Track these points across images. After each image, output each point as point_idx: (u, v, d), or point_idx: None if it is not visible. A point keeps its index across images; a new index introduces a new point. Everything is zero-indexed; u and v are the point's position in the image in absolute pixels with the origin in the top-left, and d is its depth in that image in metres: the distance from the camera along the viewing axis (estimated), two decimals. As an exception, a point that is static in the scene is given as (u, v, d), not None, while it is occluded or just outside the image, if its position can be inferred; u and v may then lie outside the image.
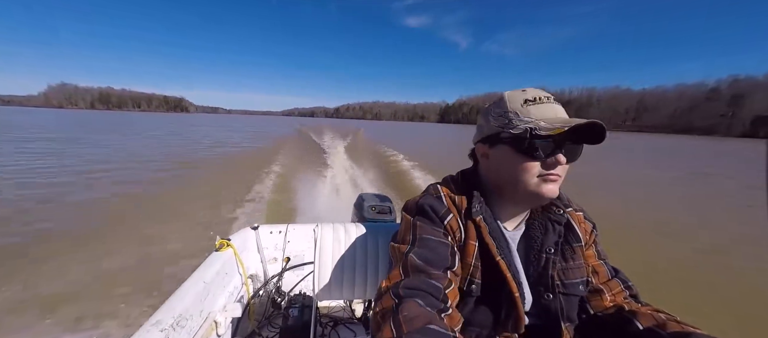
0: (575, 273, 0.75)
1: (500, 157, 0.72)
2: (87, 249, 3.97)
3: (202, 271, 1.33)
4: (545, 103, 0.68)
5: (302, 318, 1.46)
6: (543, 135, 0.64)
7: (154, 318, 1.00)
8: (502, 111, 0.71)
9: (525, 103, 0.68)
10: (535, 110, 0.67)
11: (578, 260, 0.76)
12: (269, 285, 1.73)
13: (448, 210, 0.74)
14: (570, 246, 0.76)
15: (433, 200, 0.76)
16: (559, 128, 0.62)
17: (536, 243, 0.75)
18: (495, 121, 0.72)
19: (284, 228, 1.86)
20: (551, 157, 0.66)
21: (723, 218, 6.57)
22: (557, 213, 0.77)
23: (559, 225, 0.76)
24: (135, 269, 3.52)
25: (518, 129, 0.66)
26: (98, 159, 11.14)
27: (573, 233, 0.78)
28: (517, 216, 0.79)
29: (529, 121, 0.66)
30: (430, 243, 0.68)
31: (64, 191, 6.76)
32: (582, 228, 0.80)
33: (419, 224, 0.72)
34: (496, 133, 0.71)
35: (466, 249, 0.72)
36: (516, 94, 0.70)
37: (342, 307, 1.75)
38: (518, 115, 0.67)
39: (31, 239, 4.27)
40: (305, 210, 5.67)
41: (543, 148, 0.65)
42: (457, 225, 0.73)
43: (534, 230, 0.77)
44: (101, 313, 2.79)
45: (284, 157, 11.87)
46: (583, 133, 0.66)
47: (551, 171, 0.67)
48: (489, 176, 0.78)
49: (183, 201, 6.20)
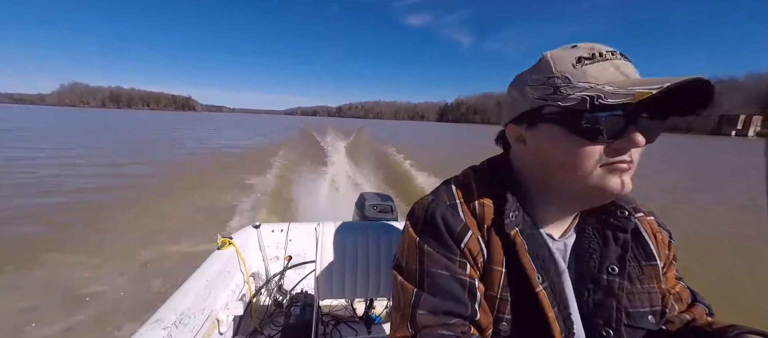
0: (644, 299, 0.55)
1: (543, 140, 0.51)
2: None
3: (204, 269, 1.32)
4: (609, 58, 0.46)
5: (304, 317, 1.44)
6: (611, 103, 0.42)
7: (156, 315, 1.00)
8: (544, 76, 0.49)
9: (579, 61, 0.47)
10: (595, 70, 0.45)
11: (648, 282, 0.56)
12: (271, 284, 1.72)
13: (466, 227, 0.54)
14: (637, 262, 0.56)
15: (445, 210, 0.55)
16: (641, 92, 0.40)
17: (593, 259, 0.55)
18: (535, 92, 0.50)
19: (286, 226, 1.86)
20: (622, 137, 0.45)
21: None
22: (621, 217, 0.56)
23: (623, 233, 0.55)
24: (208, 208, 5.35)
25: (571, 98, 0.45)
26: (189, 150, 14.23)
27: (643, 245, 0.57)
28: (563, 220, 0.57)
29: (588, 87, 0.45)
30: (442, 284, 0.51)
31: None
32: (658, 240, 0.59)
33: (427, 250, 0.53)
34: (537, 107, 0.50)
35: (489, 279, 0.53)
36: (563, 53, 0.49)
37: (343, 306, 1.73)
38: (569, 80, 0.46)
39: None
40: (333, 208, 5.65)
41: (610, 124, 0.44)
42: (477, 247, 0.53)
43: (588, 240, 0.56)
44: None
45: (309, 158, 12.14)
46: (672, 98, 0.44)
47: (621, 157, 0.46)
48: (526, 167, 0.57)
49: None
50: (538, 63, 0.52)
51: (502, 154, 0.64)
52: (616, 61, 0.46)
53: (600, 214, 0.57)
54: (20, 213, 4.87)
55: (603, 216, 0.57)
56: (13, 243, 3.84)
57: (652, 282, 0.56)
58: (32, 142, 14.02)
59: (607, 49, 0.47)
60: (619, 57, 0.47)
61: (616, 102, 0.42)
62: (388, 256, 1.27)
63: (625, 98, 0.41)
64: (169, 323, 0.98)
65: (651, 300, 0.55)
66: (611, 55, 0.47)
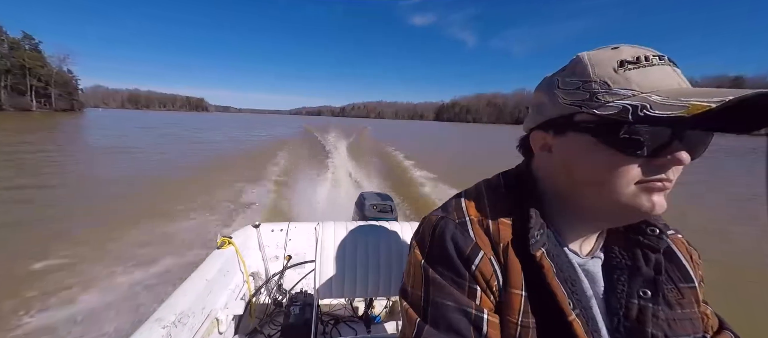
0: (686, 325, 0.47)
1: (572, 151, 0.44)
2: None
3: (204, 269, 1.30)
4: (656, 64, 0.39)
5: (303, 316, 1.41)
6: (659, 116, 0.35)
7: (155, 315, 0.97)
8: (580, 80, 0.42)
9: (621, 65, 0.40)
10: (639, 76, 0.39)
11: (690, 307, 0.48)
12: (271, 283, 1.68)
13: (477, 247, 0.47)
14: (675, 285, 0.49)
15: (454, 229, 0.48)
16: (697, 105, 0.33)
17: (621, 282, 0.48)
18: (567, 97, 0.43)
19: (285, 226, 1.81)
20: (665, 154, 0.39)
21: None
22: (652, 235, 0.49)
23: (654, 253, 0.48)
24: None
25: (610, 107, 0.39)
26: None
27: (679, 267, 0.50)
28: (589, 238, 0.51)
29: (631, 95, 0.38)
30: (446, 317, 0.45)
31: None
32: (693, 259, 0.53)
33: (432, 276, 0.47)
34: (568, 114, 0.43)
35: (508, 304, 0.45)
36: (604, 54, 0.42)
37: (343, 305, 1.69)
38: (609, 86, 0.40)
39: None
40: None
41: (652, 138, 0.38)
42: (490, 269, 0.46)
43: (615, 259, 0.50)
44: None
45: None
46: (724, 113, 0.35)
47: (660, 175, 0.40)
48: (549, 180, 0.50)
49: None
50: (571, 64, 0.45)
51: (519, 165, 0.56)
52: (664, 67, 0.39)
53: (628, 232, 0.50)
54: (186, 171, 8.51)
55: (631, 235, 0.50)
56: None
57: (692, 306, 0.48)
58: (125, 138, 17.66)
59: (653, 52, 0.40)
60: (667, 62, 0.40)
61: (665, 114, 0.35)
62: (388, 256, 1.24)
63: (677, 110, 0.34)
64: (168, 322, 0.95)
65: (694, 326, 0.47)
66: (659, 60, 0.39)
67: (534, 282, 0.45)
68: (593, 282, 0.49)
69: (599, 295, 0.48)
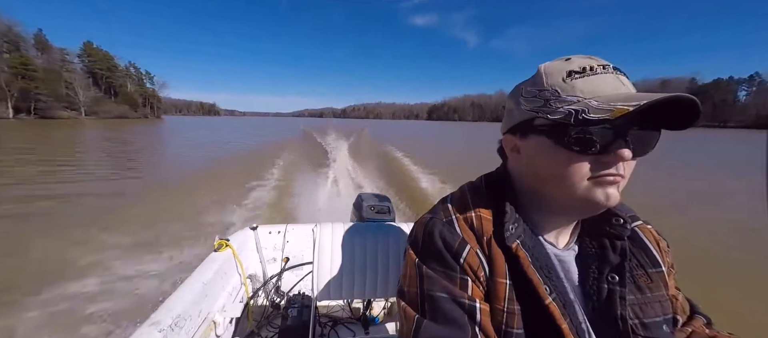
0: (656, 308, 0.49)
1: (534, 151, 0.48)
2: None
3: (200, 271, 1.23)
4: (599, 73, 0.43)
5: (301, 318, 1.34)
6: (594, 119, 0.39)
7: (152, 318, 0.92)
8: (537, 89, 0.46)
9: (569, 75, 0.43)
10: (583, 84, 0.42)
11: (659, 290, 0.51)
12: (268, 286, 1.61)
13: (464, 241, 0.49)
14: (644, 271, 0.51)
15: (442, 227, 0.51)
16: (620, 109, 0.38)
17: (592, 268, 0.50)
18: (528, 104, 0.47)
19: (283, 228, 1.74)
20: (609, 151, 0.42)
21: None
22: (616, 224, 0.51)
23: (619, 241, 0.50)
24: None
25: (559, 112, 0.42)
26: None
27: (647, 253, 0.53)
28: (564, 229, 0.53)
29: (575, 100, 0.42)
30: (442, 308, 0.46)
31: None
32: (661, 247, 0.55)
33: (426, 272, 0.49)
34: (529, 119, 0.47)
35: (494, 292, 0.47)
36: (556, 65, 0.45)
37: (341, 307, 1.61)
38: (559, 93, 0.43)
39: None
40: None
41: (597, 137, 0.41)
42: (477, 260, 0.48)
43: (588, 249, 0.52)
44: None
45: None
46: (660, 113, 0.41)
47: (608, 170, 0.43)
48: (522, 178, 0.52)
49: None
50: (534, 75, 0.48)
51: (499, 167, 0.59)
52: (606, 76, 0.43)
53: (596, 223, 0.53)
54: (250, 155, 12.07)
55: (600, 226, 0.53)
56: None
57: (660, 289, 0.51)
58: (188, 136, 23.31)
59: (599, 62, 0.44)
60: (611, 71, 0.44)
61: (597, 117, 0.39)
62: (386, 257, 1.18)
63: (605, 114, 0.39)
64: (164, 326, 0.90)
65: (663, 308, 0.50)
66: (602, 70, 0.43)
67: (515, 270, 0.47)
68: (569, 270, 0.51)
69: (574, 282, 0.50)
